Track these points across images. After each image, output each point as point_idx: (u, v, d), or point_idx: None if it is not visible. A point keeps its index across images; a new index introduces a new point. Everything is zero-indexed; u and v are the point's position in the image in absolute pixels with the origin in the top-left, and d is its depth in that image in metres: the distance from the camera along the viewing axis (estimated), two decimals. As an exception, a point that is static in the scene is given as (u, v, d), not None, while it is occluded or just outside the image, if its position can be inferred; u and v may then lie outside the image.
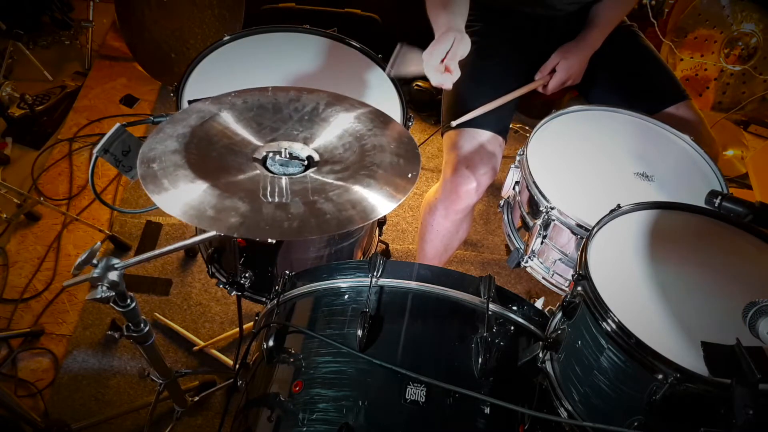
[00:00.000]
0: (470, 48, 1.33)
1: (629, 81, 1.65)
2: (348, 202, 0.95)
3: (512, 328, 1.05)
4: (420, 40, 1.33)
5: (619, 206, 1.03)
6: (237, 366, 1.42)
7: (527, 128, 2.51)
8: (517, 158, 1.37)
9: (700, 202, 1.07)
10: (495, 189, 1.90)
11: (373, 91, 1.43)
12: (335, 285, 1.08)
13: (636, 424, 0.85)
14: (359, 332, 0.96)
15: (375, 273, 1.05)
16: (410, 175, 1.01)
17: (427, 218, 1.66)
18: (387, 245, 2.16)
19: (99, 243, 1.04)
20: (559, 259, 1.29)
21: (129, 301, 1.01)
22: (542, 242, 1.29)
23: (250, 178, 0.99)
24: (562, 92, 1.76)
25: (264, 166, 1.04)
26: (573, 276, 1.00)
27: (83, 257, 0.92)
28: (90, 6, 2.70)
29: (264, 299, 1.41)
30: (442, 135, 1.63)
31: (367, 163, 1.02)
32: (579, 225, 1.19)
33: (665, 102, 1.59)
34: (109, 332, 1.80)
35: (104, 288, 0.93)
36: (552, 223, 1.24)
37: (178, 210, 0.89)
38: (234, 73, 1.41)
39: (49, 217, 2.15)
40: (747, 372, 0.70)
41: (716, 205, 1.05)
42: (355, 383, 0.95)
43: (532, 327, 1.07)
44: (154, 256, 1.00)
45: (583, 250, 0.93)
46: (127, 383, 1.75)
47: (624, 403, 0.87)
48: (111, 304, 0.98)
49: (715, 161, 1.39)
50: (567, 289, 1.19)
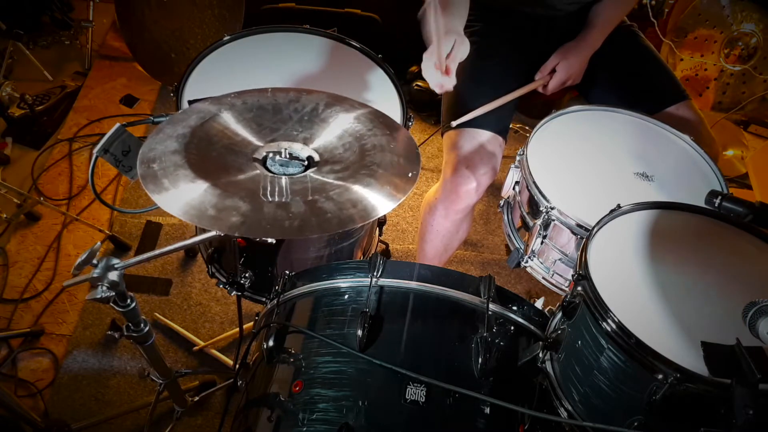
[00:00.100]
0: (470, 48, 1.33)
1: (629, 81, 1.65)
2: (348, 202, 0.95)
3: (512, 328, 1.05)
4: (420, 40, 1.33)
5: (619, 206, 1.03)
6: (237, 366, 1.42)
7: (527, 128, 2.51)
8: (517, 158, 1.37)
9: (700, 202, 1.07)
10: (495, 189, 1.90)
11: (373, 91, 1.43)
12: (335, 285, 1.08)
13: (636, 424, 0.85)
14: (359, 332, 0.96)
15: (375, 273, 1.05)
16: (410, 175, 1.02)
17: (427, 218, 1.66)
18: (387, 245, 2.16)
19: (99, 243, 1.04)
20: (559, 259, 1.29)
21: (129, 301, 1.01)
22: (542, 242, 1.29)
23: (251, 178, 0.99)
24: (562, 92, 1.76)
25: (264, 167, 1.04)
26: (573, 276, 1.00)
27: (83, 257, 0.92)
28: (90, 6, 2.70)
29: (264, 299, 1.41)
30: (442, 135, 1.63)
31: (368, 163, 1.03)
32: (579, 225, 1.19)
33: (665, 102, 1.59)
34: (109, 332, 1.80)
35: (104, 288, 0.93)
36: (552, 223, 1.24)
37: (179, 209, 0.89)
38: (234, 73, 1.41)
39: (49, 217, 2.16)
40: (747, 372, 0.70)
41: (716, 205, 1.05)
42: (355, 383, 0.95)
43: (532, 327, 1.07)
44: (154, 256, 1.00)
45: (583, 250, 0.93)
46: (127, 383, 1.75)
47: (624, 403, 0.87)
48: (111, 304, 0.98)
49: (715, 161, 1.39)
50: (567, 289, 1.19)
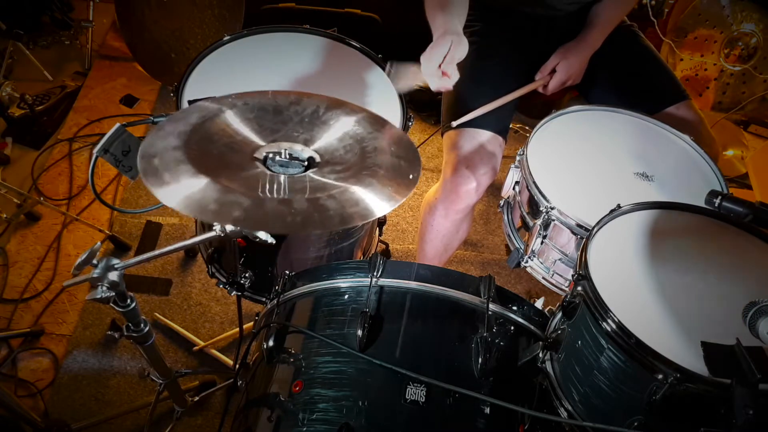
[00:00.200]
0: (470, 48, 1.33)
1: (629, 81, 1.65)
2: (349, 201, 0.95)
3: (512, 328, 1.05)
4: (420, 40, 1.33)
5: (619, 206, 1.03)
6: (237, 366, 1.42)
7: (527, 128, 2.51)
8: (517, 158, 1.37)
9: (700, 202, 1.07)
10: (495, 189, 1.90)
11: (373, 91, 1.43)
12: (335, 285, 1.08)
13: (636, 424, 0.85)
14: (359, 332, 0.96)
15: (375, 273, 1.05)
16: (411, 177, 1.01)
17: (427, 218, 1.66)
18: (387, 245, 2.16)
19: (99, 243, 1.04)
20: (559, 259, 1.29)
21: (129, 301, 1.01)
22: (542, 242, 1.29)
23: (251, 177, 0.99)
24: (562, 92, 1.76)
25: (265, 166, 1.04)
26: (573, 276, 1.00)
27: (83, 257, 0.92)
28: (90, 6, 2.70)
29: (264, 299, 1.41)
30: (442, 135, 1.63)
31: (369, 164, 1.02)
32: (579, 225, 1.19)
33: (665, 102, 1.59)
34: (109, 332, 1.80)
35: (104, 288, 0.93)
36: (552, 223, 1.24)
37: (181, 204, 0.88)
38: (234, 73, 1.41)
39: (49, 217, 2.15)
40: (747, 372, 0.70)
41: (716, 205, 1.05)
42: (355, 383, 0.95)
43: (532, 327, 1.07)
44: (154, 256, 1.00)
45: (583, 250, 0.93)
46: (127, 383, 1.75)
47: (624, 403, 0.87)
48: (111, 304, 0.98)
49: (715, 161, 1.39)
50: (567, 289, 1.19)
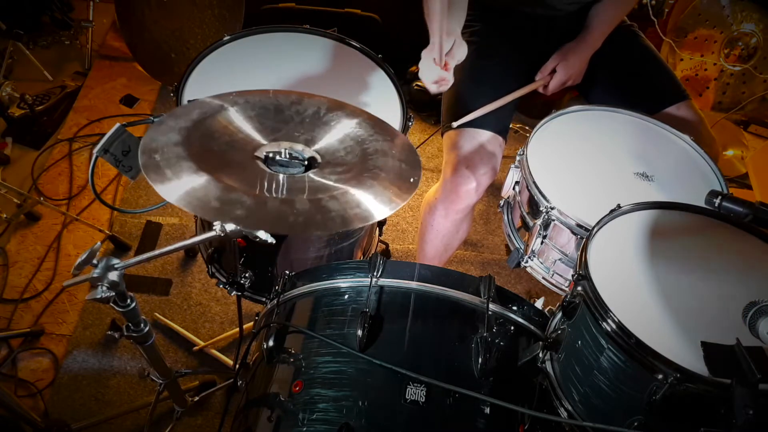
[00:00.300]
0: (470, 48, 1.33)
1: (629, 81, 1.65)
2: (350, 203, 0.95)
3: (512, 328, 1.05)
4: (420, 40, 1.33)
5: (619, 206, 1.03)
6: (237, 366, 1.42)
7: (527, 128, 2.51)
8: (517, 158, 1.37)
9: (700, 202, 1.07)
10: (495, 189, 1.90)
11: (373, 91, 1.43)
12: (335, 285, 1.08)
13: (636, 424, 0.85)
14: (359, 332, 0.96)
15: (375, 273, 1.05)
16: (412, 180, 1.01)
17: (427, 218, 1.66)
18: (387, 245, 2.16)
19: (99, 243, 1.04)
20: (559, 259, 1.29)
21: (129, 301, 1.01)
22: (542, 242, 1.29)
23: (252, 175, 0.99)
24: (562, 92, 1.76)
25: (265, 165, 1.04)
26: (573, 276, 1.00)
27: (83, 257, 0.91)
28: (90, 6, 2.70)
29: (264, 299, 1.41)
30: (442, 135, 1.63)
31: (369, 167, 1.02)
32: (579, 225, 1.19)
33: (665, 102, 1.59)
34: (109, 332, 1.80)
35: (104, 288, 0.93)
36: (552, 223, 1.24)
37: (182, 200, 0.88)
38: (234, 73, 1.41)
39: (49, 217, 2.15)
40: (747, 372, 0.70)
41: (716, 205, 1.05)
42: (355, 383, 0.95)
43: (532, 327, 1.07)
44: (154, 256, 1.00)
45: (583, 250, 0.93)
46: (127, 383, 1.75)
47: (624, 403, 0.87)
48: (111, 304, 0.98)
49: (715, 161, 1.39)
50: (567, 289, 1.19)
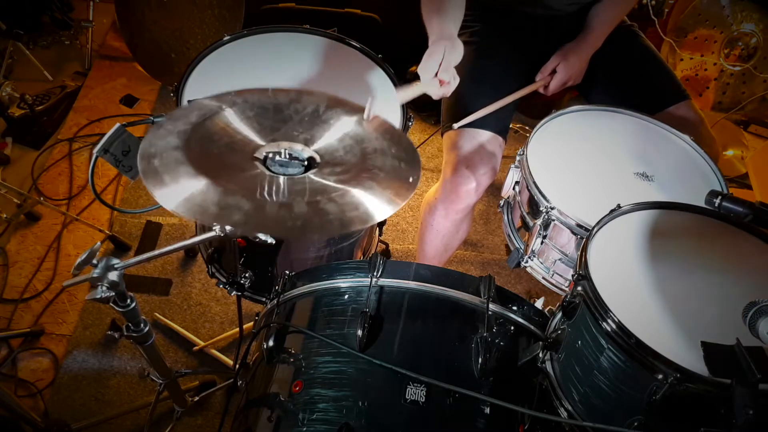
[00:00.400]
0: (470, 48, 1.33)
1: (629, 81, 1.65)
2: (350, 204, 0.95)
3: (512, 328, 1.05)
4: (420, 40, 1.33)
5: (619, 206, 1.03)
6: (237, 366, 1.42)
7: (527, 128, 2.51)
8: (517, 158, 1.37)
9: (700, 202, 1.07)
10: (495, 189, 1.90)
11: (373, 92, 1.43)
12: (335, 285, 1.08)
13: (636, 424, 0.85)
14: (359, 332, 0.96)
15: (375, 273, 1.05)
16: (411, 179, 1.01)
17: (427, 218, 1.66)
18: (387, 245, 2.16)
19: (99, 243, 1.04)
20: (559, 259, 1.29)
21: (129, 301, 1.01)
22: (542, 242, 1.29)
23: (251, 177, 0.99)
24: (562, 92, 1.76)
25: (264, 166, 1.04)
26: (573, 276, 1.00)
27: (83, 257, 0.91)
28: (90, 6, 2.70)
29: (264, 299, 1.41)
30: (442, 135, 1.63)
31: (368, 166, 1.02)
32: (579, 225, 1.19)
33: (665, 102, 1.59)
34: (109, 332, 1.80)
35: (104, 288, 0.93)
36: (552, 223, 1.24)
37: (180, 206, 0.88)
38: (234, 73, 1.41)
39: (49, 217, 2.15)
40: (747, 372, 0.70)
41: (716, 205, 1.05)
42: (355, 383, 0.95)
43: (532, 327, 1.07)
44: (154, 256, 1.00)
45: (583, 250, 0.93)
46: (127, 383, 1.75)
47: (624, 403, 0.87)
48: (111, 304, 0.98)
49: (715, 161, 1.39)
50: (567, 289, 1.19)
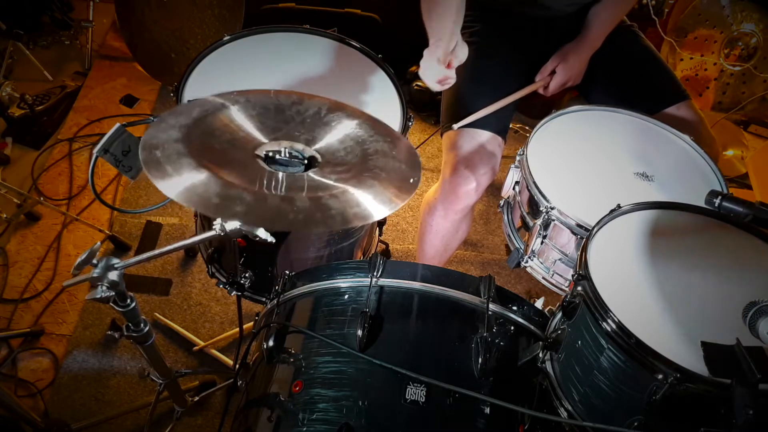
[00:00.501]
0: (470, 48, 1.33)
1: (629, 81, 1.65)
2: (350, 202, 0.95)
3: (512, 328, 1.05)
4: (420, 41, 1.33)
5: (619, 206, 1.03)
6: (237, 366, 1.42)
7: (527, 128, 2.51)
8: (517, 158, 1.37)
9: (700, 202, 1.07)
10: (495, 189, 1.90)
11: (373, 91, 1.43)
12: (335, 285, 1.08)
13: (636, 424, 0.85)
14: (359, 332, 0.96)
15: (375, 273, 1.05)
16: (411, 181, 1.01)
17: (427, 218, 1.66)
18: (387, 245, 2.16)
19: (99, 243, 1.04)
20: (559, 259, 1.29)
21: (129, 301, 1.01)
22: (542, 242, 1.29)
23: (252, 173, 0.99)
24: (562, 92, 1.76)
25: (266, 164, 1.04)
26: (573, 276, 1.00)
27: (83, 257, 0.91)
28: (90, 6, 2.70)
29: (264, 299, 1.41)
30: (442, 135, 1.63)
31: (370, 167, 1.02)
32: (579, 225, 1.19)
33: (665, 102, 1.59)
34: (109, 332, 1.80)
35: (104, 288, 0.93)
36: (552, 223, 1.24)
37: (183, 196, 0.88)
38: (234, 73, 1.41)
39: (49, 217, 2.15)
40: (747, 372, 0.70)
41: (716, 205, 1.05)
42: (355, 383, 0.95)
43: (532, 327, 1.07)
44: (154, 256, 1.00)
45: (583, 250, 0.93)
46: (127, 383, 1.75)
47: (624, 403, 0.87)
48: (111, 304, 0.98)
49: (715, 161, 1.39)
50: (567, 289, 1.19)
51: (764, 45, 2.58)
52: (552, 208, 1.22)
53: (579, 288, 0.90)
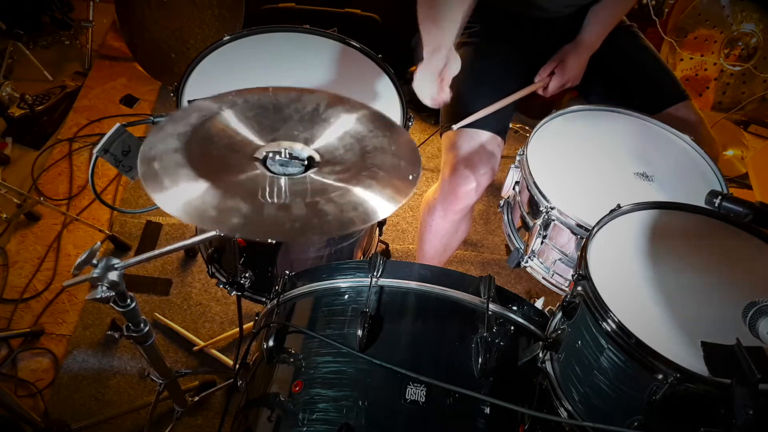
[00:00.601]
0: (470, 48, 1.33)
1: (629, 81, 1.65)
2: (349, 204, 0.95)
3: (512, 328, 1.05)
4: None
5: (619, 206, 1.03)
6: (237, 366, 1.42)
7: (527, 128, 2.51)
8: (517, 158, 1.37)
9: (700, 202, 1.07)
10: (495, 189, 1.90)
11: (373, 92, 1.43)
12: (335, 285, 1.08)
13: (636, 424, 0.85)
14: (359, 332, 0.96)
15: (375, 273, 1.05)
16: (411, 177, 1.01)
17: (426, 218, 1.66)
18: (387, 245, 2.16)
19: (99, 243, 1.04)
20: (559, 259, 1.29)
21: (129, 301, 1.01)
22: (542, 242, 1.29)
23: (251, 178, 0.99)
24: (562, 93, 1.76)
25: (264, 166, 1.04)
26: (573, 276, 1.00)
27: (83, 257, 0.92)
28: (90, 6, 2.70)
29: (264, 299, 1.41)
30: (441, 135, 1.63)
31: (368, 165, 1.02)
32: (579, 225, 1.19)
33: (665, 102, 1.59)
34: (109, 332, 1.80)
35: (104, 288, 0.93)
36: (552, 223, 1.24)
37: (180, 210, 0.88)
38: (234, 73, 1.41)
39: (49, 217, 2.15)
40: (747, 372, 0.70)
41: (716, 205, 1.05)
42: (355, 383, 0.95)
43: (532, 327, 1.07)
44: (154, 256, 1.00)
45: (583, 250, 0.93)
46: (127, 383, 1.75)
47: (624, 403, 0.87)
48: (111, 304, 0.98)
49: (715, 161, 1.39)
50: (567, 289, 1.20)
51: (764, 45, 2.59)
52: (552, 208, 1.22)
53: (579, 288, 0.90)
